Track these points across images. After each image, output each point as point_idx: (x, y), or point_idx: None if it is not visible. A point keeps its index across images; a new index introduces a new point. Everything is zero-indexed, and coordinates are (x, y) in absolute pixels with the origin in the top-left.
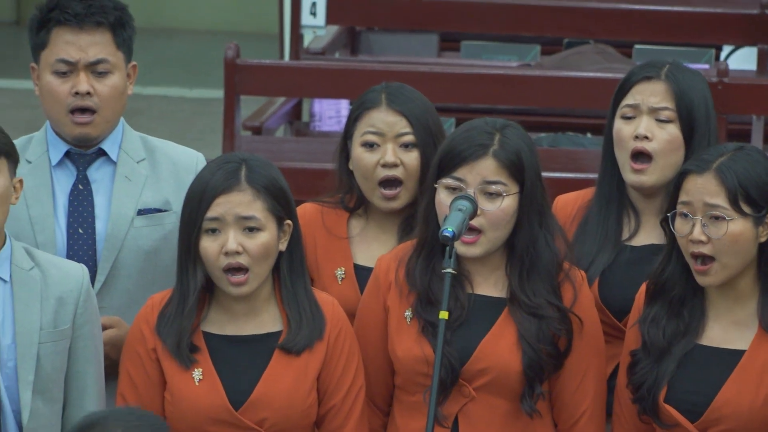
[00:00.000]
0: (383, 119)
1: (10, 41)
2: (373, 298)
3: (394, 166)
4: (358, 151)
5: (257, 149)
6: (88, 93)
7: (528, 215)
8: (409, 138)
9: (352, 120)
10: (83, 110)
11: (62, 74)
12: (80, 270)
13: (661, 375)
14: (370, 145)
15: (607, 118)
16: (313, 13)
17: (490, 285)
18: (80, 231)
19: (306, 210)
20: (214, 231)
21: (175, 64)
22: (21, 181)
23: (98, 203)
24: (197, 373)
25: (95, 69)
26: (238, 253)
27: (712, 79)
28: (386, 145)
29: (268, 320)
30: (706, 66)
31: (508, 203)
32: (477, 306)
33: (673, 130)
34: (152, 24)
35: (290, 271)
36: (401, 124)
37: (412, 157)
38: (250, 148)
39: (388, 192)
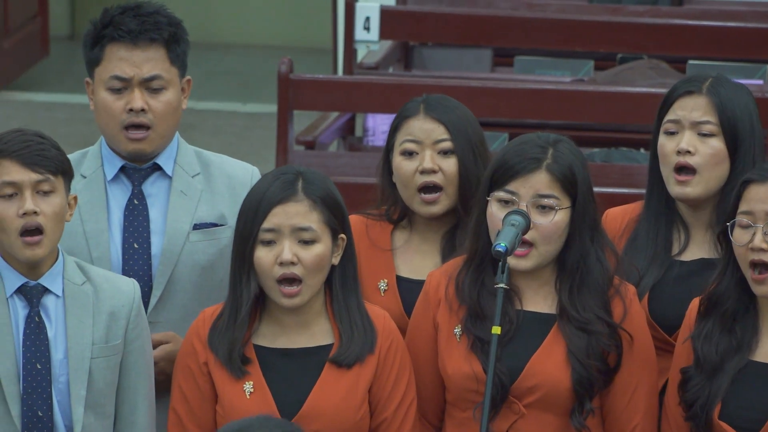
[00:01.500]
0: (420, 126)
1: (64, 55)
2: (423, 314)
3: (432, 172)
4: (397, 160)
5: (310, 164)
6: (143, 110)
7: (579, 230)
8: (447, 144)
9: (392, 131)
10: (138, 126)
11: (116, 90)
12: (131, 285)
13: (714, 392)
14: (408, 153)
15: (653, 134)
16: (367, 28)
17: (539, 301)
18: (135, 246)
19: (351, 221)
20: (269, 242)
21: (229, 78)
22: (75, 198)
23: (153, 218)
24: (248, 386)
25: (149, 85)
26: (293, 263)
27: (766, 94)
28: (424, 152)
29: (318, 333)
30: (760, 81)
31: (560, 217)
32: (526, 322)
33: (716, 144)
34: (206, 39)
35: (342, 285)
36: (438, 131)
37: (450, 164)
38: (304, 163)
39: (427, 197)
